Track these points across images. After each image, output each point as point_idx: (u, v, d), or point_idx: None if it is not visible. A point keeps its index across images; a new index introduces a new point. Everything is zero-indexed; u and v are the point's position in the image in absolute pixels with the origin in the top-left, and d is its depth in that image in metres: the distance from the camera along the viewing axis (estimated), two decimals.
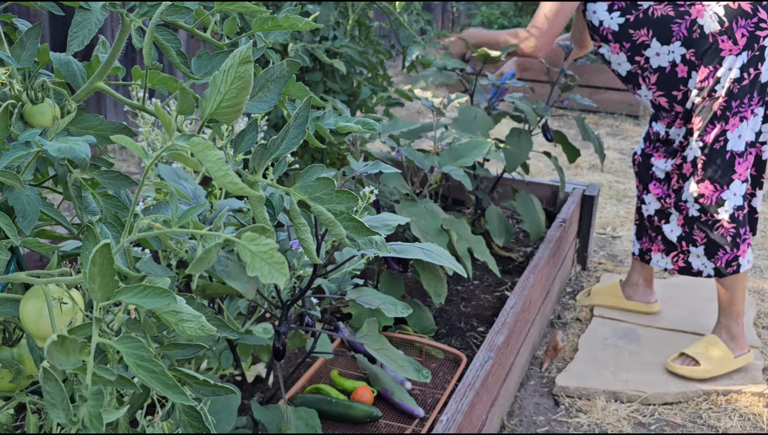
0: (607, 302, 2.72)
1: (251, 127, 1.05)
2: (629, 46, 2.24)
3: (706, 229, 2.28)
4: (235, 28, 1.12)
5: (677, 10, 2.16)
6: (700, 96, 2.18)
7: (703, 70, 2.17)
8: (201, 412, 0.92)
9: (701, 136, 2.19)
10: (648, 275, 2.65)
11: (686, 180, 2.29)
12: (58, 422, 0.84)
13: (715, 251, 2.28)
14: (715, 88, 2.15)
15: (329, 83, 2.89)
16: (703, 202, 2.24)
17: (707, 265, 2.33)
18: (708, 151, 2.19)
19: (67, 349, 0.78)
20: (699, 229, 2.29)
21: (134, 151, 0.84)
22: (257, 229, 0.87)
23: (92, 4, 1.00)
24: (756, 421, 2.15)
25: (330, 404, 1.86)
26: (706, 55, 2.16)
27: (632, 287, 2.69)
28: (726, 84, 2.14)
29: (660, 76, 2.25)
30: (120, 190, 1.07)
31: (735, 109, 2.15)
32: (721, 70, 2.15)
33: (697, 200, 2.25)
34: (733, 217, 2.24)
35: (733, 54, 2.13)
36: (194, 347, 1.03)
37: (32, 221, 0.92)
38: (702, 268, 2.35)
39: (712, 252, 2.29)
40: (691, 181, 2.25)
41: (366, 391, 1.95)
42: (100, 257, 0.79)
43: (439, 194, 2.99)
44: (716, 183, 2.21)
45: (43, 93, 0.97)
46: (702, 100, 2.18)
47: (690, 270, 2.38)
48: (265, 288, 1.56)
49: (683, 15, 2.15)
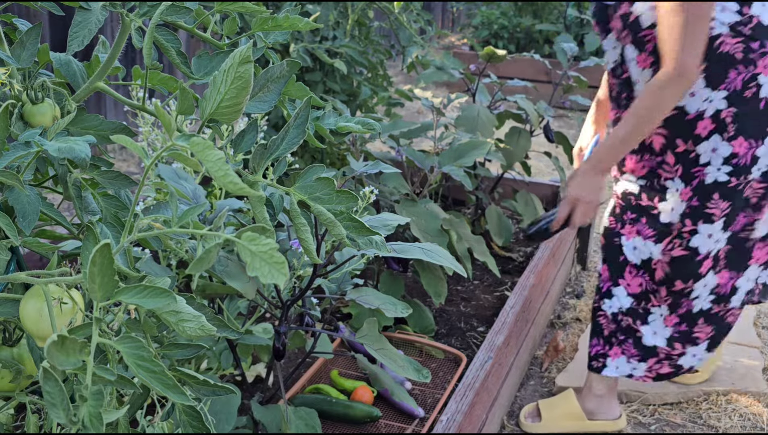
0: (565, 428, 2.09)
1: (251, 127, 1.05)
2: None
3: (716, 321, 1.91)
4: (235, 28, 1.12)
5: (746, 56, 1.64)
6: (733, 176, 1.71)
7: (740, 141, 1.68)
8: (201, 412, 0.92)
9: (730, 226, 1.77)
10: (612, 382, 2.07)
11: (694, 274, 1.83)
12: (58, 422, 0.85)
13: (719, 341, 1.96)
14: (751, 169, 1.70)
15: (329, 83, 2.89)
16: (719, 291, 1.86)
17: (704, 356, 1.98)
18: (734, 240, 1.80)
19: (67, 349, 0.78)
20: (707, 323, 1.91)
21: (134, 151, 0.85)
22: (257, 229, 0.87)
23: (92, 4, 1.00)
24: (756, 421, 2.15)
25: (330, 404, 1.86)
26: (749, 125, 1.67)
27: (594, 400, 2.08)
28: (764, 166, 1.71)
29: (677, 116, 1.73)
30: (120, 190, 1.07)
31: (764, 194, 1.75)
32: (760, 150, 1.69)
33: (714, 291, 1.86)
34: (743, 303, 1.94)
35: None
36: (194, 347, 1.03)
37: (32, 221, 0.93)
38: (695, 362, 1.99)
39: (716, 342, 1.96)
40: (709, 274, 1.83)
41: (366, 391, 1.95)
42: (100, 257, 0.79)
43: (440, 194, 3.00)
44: (733, 270, 1.86)
45: (43, 93, 0.97)
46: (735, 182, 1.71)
47: (678, 372, 1.99)
48: (265, 288, 1.56)
49: (748, 64, 1.65)
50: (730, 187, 1.72)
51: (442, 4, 8.67)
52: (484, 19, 7.04)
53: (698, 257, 1.80)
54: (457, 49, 7.05)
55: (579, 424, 2.08)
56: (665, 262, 1.83)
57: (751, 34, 1.64)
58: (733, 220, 1.76)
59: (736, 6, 1.64)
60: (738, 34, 1.64)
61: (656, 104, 1.66)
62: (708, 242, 1.79)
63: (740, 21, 1.64)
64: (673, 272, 1.83)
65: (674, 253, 1.81)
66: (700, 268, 1.81)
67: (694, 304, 1.87)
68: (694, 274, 1.82)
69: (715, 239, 1.78)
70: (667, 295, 1.87)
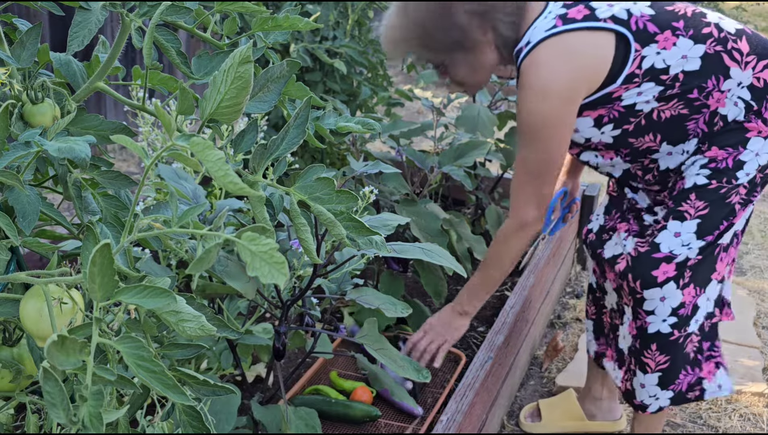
0: (565, 428, 2.10)
1: (251, 127, 1.05)
2: (628, 154, 1.71)
3: (673, 350, 1.72)
4: (235, 28, 1.12)
5: (692, 106, 1.61)
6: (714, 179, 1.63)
7: (714, 150, 1.63)
8: (201, 412, 0.92)
9: (708, 234, 1.65)
10: (612, 385, 2.07)
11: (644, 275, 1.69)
12: (58, 422, 0.85)
13: (676, 376, 1.74)
14: (737, 174, 1.63)
15: (329, 83, 2.89)
16: (683, 312, 1.69)
17: (660, 396, 1.76)
18: (706, 250, 1.67)
19: (67, 349, 0.78)
20: (661, 351, 1.72)
21: (134, 151, 0.85)
22: (257, 229, 0.87)
23: (92, 4, 1.00)
24: (756, 420, 2.15)
25: (329, 404, 1.86)
26: (722, 139, 1.63)
27: (594, 402, 2.09)
28: (752, 172, 1.62)
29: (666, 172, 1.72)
30: (120, 190, 1.07)
31: (747, 200, 1.66)
32: (745, 154, 1.62)
33: (676, 312, 1.68)
34: (702, 328, 1.75)
35: (762, 136, 1.61)
36: (194, 347, 1.03)
37: (32, 221, 0.93)
38: (648, 400, 1.77)
39: (670, 379, 1.74)
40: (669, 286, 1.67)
41: (365, 391, 1.95)
42: (100, 257, 0.79)
43: (440, 194, 2.99)
44: (698, 286, 1.69)
45: (43, 93, 0.97)
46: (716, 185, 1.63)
47: (632, 399, 1.81)
48: (265, 288, 1.56)
49: (700, 109, 1.61)
50: (709, 189, 1.64)
51: None
52: None
53: (656, 254, 1.66)
54: None
55: (579, 424, 2.08)
56: (625, 257, 1.73)
57: (684, 89, 1.59)
58: (711, 228, 1.64)
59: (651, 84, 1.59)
60: (671, 98, 1.61)
61: (504, 253, 1.79)
62: (673, 242, 1.65)
63: (664, 88, 1.59)
64: (630, 268, 1.70)
65: (633, 253, 1.70)
66: (655, 271, 1.66)
67: (650, 321, 1.70)
68: (643, 276, 1.67)
69: (686, 243, 1.65)
70: (629, 293, 1.73)
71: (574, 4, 1.62)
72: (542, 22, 1.61)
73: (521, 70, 1.62)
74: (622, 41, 1.57)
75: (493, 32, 1.66)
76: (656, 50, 1.57)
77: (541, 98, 1.59)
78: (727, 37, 1.60)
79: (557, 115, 1.61)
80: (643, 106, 1.62)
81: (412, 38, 1.68)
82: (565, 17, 1.59)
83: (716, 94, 1.60)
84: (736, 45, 1.60)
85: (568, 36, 1.58)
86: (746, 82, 1.60)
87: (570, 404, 2.10)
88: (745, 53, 1.60)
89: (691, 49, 1.58)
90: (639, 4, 1.62)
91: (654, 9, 1.61)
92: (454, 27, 1.64)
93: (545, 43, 1.58)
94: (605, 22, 1.58)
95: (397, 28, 1.70)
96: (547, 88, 1.59)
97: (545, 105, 1.59)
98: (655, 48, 1.57)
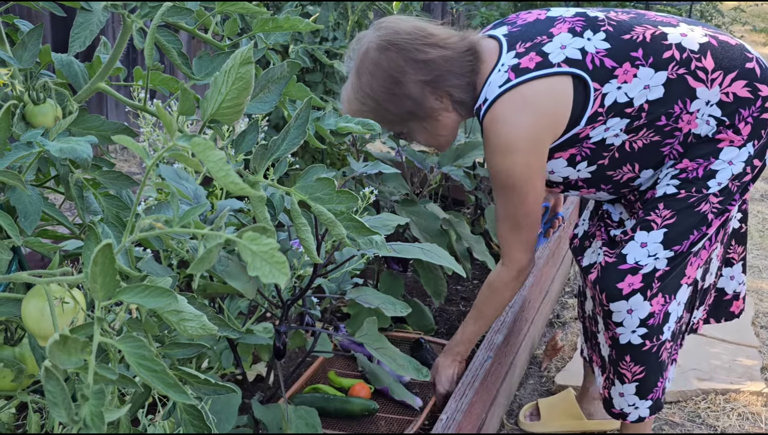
0: (564, 427, 2.07)
1: (252, 127, 1.06)
2: (611, 187, 1.69)
3: (647, 360, 1.68)
4: (236, 29, 1.12)
5: (662, 132, 1.59)
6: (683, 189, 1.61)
7: (685, 162, 1.61)
8: (202, 411, 0.93)
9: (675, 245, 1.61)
10: None
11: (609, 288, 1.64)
12: (59, 421, 0.85)
13: (654, 384, 1.71)
14: (707, 183, 1.60)
15: (329, 84, 2.90)
16: (652, 322, 1.64)
17: (639, 405, 1.73)
18: (674, 261, 1.62)
19: (68, 349, 0.78)
20: (636, 362, 1.68)
21: (136, 152, 0.85)
22: (258, 228, 0.88)
23: (94, 5, 1.00)
24: (755, 420, 2.16)
25: (327, 401, 1.86)
26: (693, 150, 1.60)
27: (592, 402, 2.07)
28: (725, 181, 1.60)
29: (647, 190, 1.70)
30: (121, 190, 1.08)
31: (722, 209, 1.62)
32: (717, 163, 1.59)
33: (645, 323, 1.64)
34: (674, 333, 1.71)
35: (735, 145, 1.58)
36: (195, 346, 1.04)
37: (34, 221, 0.93)
38: (628, 409, 1.74)
39: (648, 388, 1.71)
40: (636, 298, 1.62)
41: (363, 387, 1.95)
42: (102, 257, 0.79)
43: (439, 194, 3.00)
44: (667, 294, 1.65)
45: (44, 93, 0.98)
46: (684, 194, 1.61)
47: (610, 407, 1.77)
48: (265, 288, 1.56)
49: (672, 133, 1.59)
50: (678, 199, 1.60)
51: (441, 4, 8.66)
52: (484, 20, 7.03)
53: (622, 266, 1.62)
54: None
55: (578, 423, 2.08)
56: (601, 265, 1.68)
57: (650, 118, 1.57)
58: (680, 238, 1.60)
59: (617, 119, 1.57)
60: (639, 128, 1.58)
61: (501, 300, 1.80)
62: (639, 252, 1.61)
63: (630, 120, 1.57)
64: (600, 278, 1.66)
65: (602, 261, 1.66)
66: (620, 283, 1.61)
67: (619, 332, 1.66)
68: (611, 289, 1.63)
69: (653, 254, 1.61)
70: (599, 304, 1.69)
71: (526, 52, 1.58)
72: (496, 76, 1.58)
73: (484, 127, 1.61)
74: (581, 83, 1.55)
75: (448, 97, 1.64)
76: (617, 85, 1.55)
77: (507, 154, 1.58)
78: (690, 57, 1.57)
79: (525, 166, 1.60)
80: (613, 140, 1.60)
81: (366, 111, 1.65)
82: (518, 68, 1.57)
83: (685, 116, 1.57)
84: (701, 63, 1.56)
85: (523, 87, 1.56)
86: (714, 100, 1.57)
87: (569, 403, 2.09)
88: (710, 70, 1.56)
89: (652, 78, 1.55)
90: (594, 38, 1.58)
91: (610, 42, 1.57)
92: (407, 98, 1.63)
93: (502, 99, 1.56)
94: (559, 66, 1.55)
95: (353, 100, 1.67)
96: (511, 144, 1.57)
97: (512, 160, 1.58)
98: (615, 84, 1.55)
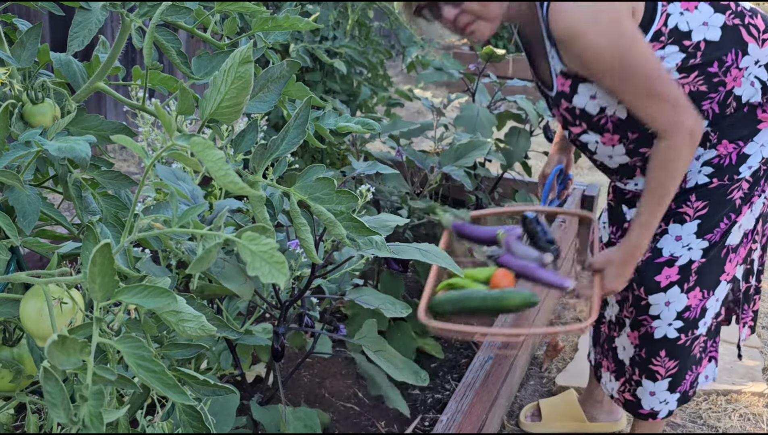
0: (565, 428, 2.07)
1: (251, 127, 1.05)
2: (636, 137, 1.59)
3: (682, 354, 1.69)
4: (235, 28, 1.12)
5: (710, 82, 1.52)
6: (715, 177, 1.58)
7: (725, 144, 1.56)
8: (201, 412, 0.93)
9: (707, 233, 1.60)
10: None
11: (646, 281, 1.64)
12: (58, 422, 0.85)
13: (683, 377, 1.72)
14: (739, 169, 1.57)
15: (329, 83, 2.89)
16: (688, 316, 1.65)
17: (669, 399, 1.74)
18: (710, 251, 1.61)
19: (67, 349, 0.78)
20: (671, 357, 1.69)
21: (134, 151, 0.85)
22: (257, 228, 0.87)
23: (92, 5, 1.00)
24: (756, 420, 2.15)
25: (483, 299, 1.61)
26: (733, 128, 1.56)
27: (595, 405, 2.07)
28: (756, 164, 1.57)
29: None
30: (120, 190, 1.07)
31: (750, 194, 1.60)
32: (750, 147, 1.56)
33: (682, 315, 1.65)
34: (709, 329, 1.72)
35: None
36: (194, 347, 1.03)
37: (32, 221, 0.93)
38: (659, 406, 1.75)
39: (678, 381, 1.72)
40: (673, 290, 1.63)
41: (505, 275, 1.68)
42: (101, 257, 0.79)
43: (440, 194, 3.00)
44: (705, 289, 1.65)
45: (43, 93, 0.97)
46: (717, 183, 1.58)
47: (638, 409, 1.77)
48: (264, 288, 1.56)
49: (717, 87, 1.52)
50: (710, 189, 1.58)
51: None
52: None
53: (658, 260, 1.62)
54: (457, 50, 7.05)
55: (579, 424, 2.08)
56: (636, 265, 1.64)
57: (705, 60, 1.51)
58: (712, 226, 1.60)
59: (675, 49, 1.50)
60: (692, 69, 1.52)
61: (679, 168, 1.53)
62: (674, 245, 1.61)
63: (686, 56, 1.51)
64: (636, 276, 1.65)
65: (644, 256, 1.64)
66: (658, 276, 1.62)
67: (655, 326, 1.66)
68: (649, 282, 1.63)
69: (687, 244, 1.61)
70: (631, 303, 1.69)
71: None
72: None
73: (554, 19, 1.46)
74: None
75: None
76: (680, 10, 1.50)
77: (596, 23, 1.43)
78: (743, 11, 1.54)
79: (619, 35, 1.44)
80: None
81: None
82: None
83: (734, 70, 1.51)
84: (753, 21, 1.54)
85: None
86: (763, 61, 1.53)
87: (570, 404, 2.09)
88: (762, 30, 1.54)
89: (711, 17, 1.51)
90: None
91: None
92: None
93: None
94: None
95: None
96: (598, 13, 1.43)
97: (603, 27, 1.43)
98: (678, 7, 1.50)
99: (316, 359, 2.17)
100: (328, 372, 2.14)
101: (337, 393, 2.07)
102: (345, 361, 2.16)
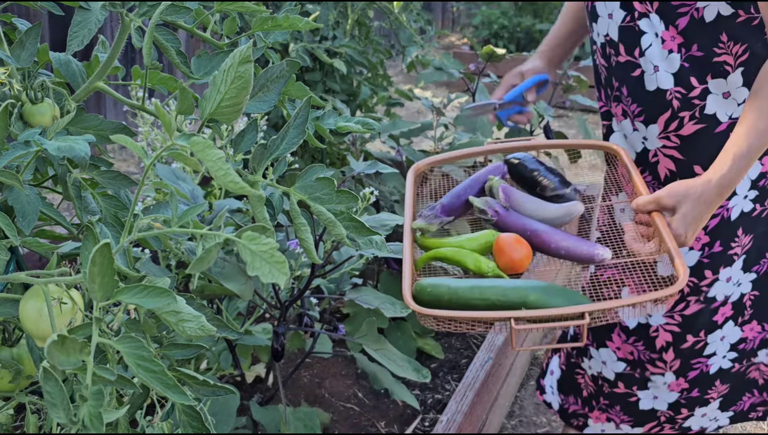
0: None
1: (251, 126, 1.05)
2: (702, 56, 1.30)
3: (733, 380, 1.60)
4: (234, 27, 1.12)
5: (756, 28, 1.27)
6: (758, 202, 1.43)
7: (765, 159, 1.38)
8: (201, 412, 0.92)
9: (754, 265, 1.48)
10: None
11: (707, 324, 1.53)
12: (58, 422, 0.84)
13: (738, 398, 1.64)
14: None
15: (329, 83, 2.89)
16: (744, 347, 1.56)
17: (720, 417, 1.66)
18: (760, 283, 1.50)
19: (67, 349, 0.78)
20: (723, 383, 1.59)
21: (134, 151, 0.84)
22: (257, 228, 0.87)
23: (92, 4, 1.00)
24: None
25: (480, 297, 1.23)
26: None
27: None
28: None
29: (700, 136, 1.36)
30: (120, 190, 1.07)
31: None
32: None
33: (736, 347, 1.56)
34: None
35: None
36: (194, 347, 1.03)
37: (32, 221, 0.92)
38: (708, 424, 1.66)
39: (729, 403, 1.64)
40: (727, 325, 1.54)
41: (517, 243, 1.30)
42: (100, 257, 0.78)
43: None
44: (764, 322, 1.55)
45: (42, 93, 0.97)
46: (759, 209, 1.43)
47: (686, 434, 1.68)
48: (264, 288, 1.56)
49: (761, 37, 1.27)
50: (753, 217, 1.43)
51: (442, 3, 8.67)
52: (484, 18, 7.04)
53: (714, 305, 1.51)
54: (457, 49, 7.05)
55: None
56: (673, 323, 1.53)
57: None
58: (758, 257, 1.49)
59: None
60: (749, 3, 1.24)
61: None
62: (726, 287, 1.49)
63: None
64: (683, 330, 1.52)
65: (687, 312, 1.51)
66: (715, 316, 1.52)
67: (711, 363, 1.56)
68: (707, 324, 1.52)
69: (736, 281, 1.49)
70: (675, 357, 1.56)
71: None
72: None
73: None
74: None
75: None
76: None
77: None
78: None
79: None
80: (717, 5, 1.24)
81: None
82: None
83: None
84: None
85: None
86: None
87: None
88: None
89: None
90: None
91: None
92: None
93: None
94: None
95: None
96: None
97: None
98: None
99: (316, 359, 2.17)
100: (328, 372, 2.14)
101: (337, 393, 2.07)
102: (345, 361, 2.15)
